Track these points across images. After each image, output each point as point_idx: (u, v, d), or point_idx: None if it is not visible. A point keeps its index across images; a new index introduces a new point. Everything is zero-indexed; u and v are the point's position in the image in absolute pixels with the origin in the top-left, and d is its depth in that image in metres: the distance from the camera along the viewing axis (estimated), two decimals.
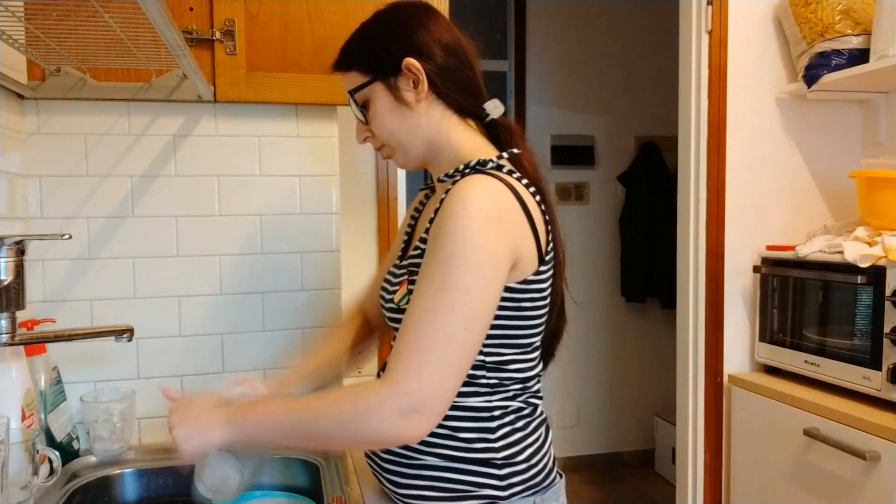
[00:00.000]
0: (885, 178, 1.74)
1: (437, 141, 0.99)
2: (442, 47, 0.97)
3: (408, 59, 0.95)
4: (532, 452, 0.97)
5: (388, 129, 0.99)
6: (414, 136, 0.99)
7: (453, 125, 0.99)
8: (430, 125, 0.98)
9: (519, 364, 0.96)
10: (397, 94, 0.97)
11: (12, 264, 1.07)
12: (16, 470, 1.03)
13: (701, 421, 2.06)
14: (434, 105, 0.98)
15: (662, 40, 3.51)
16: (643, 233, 3.55)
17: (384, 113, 0.98)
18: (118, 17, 0.98)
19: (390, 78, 0.96)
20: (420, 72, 0.95)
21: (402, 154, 1.01)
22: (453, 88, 0.98)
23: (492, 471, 0.94)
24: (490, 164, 0.94)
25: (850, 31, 1.82)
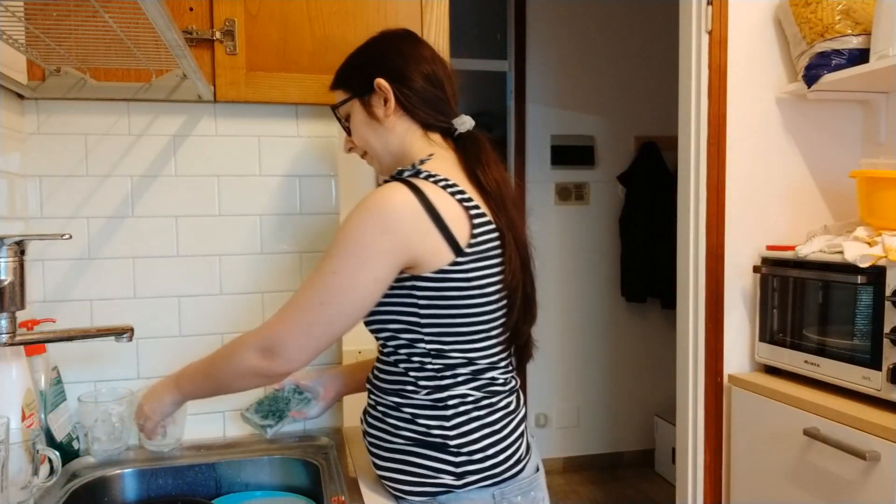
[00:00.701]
0: (885, 178, 1.74)
1: (402, 152, 1.11)
2: (414, 70, 1.10)
3: (378, 80, 1.08)
4: (491, 443, 1.02)
5: (363, 139, 1.13)
6: (383, 146, 1.12)
7: (416, 139, 1.11)
8: (395, 138, 1.11)
9: (465, 354, 1.03)
10: (369, 110, 1.11)
11: (12, 264, 1.07)
12: (16, 470, 1.03)
13: (701, 421, 2.06)
14: (401, 120, 1.11)
15: (662, 40, 3.51)
16: (643, 233, 3.55)
17: (359, 125, 1.13)
18: (118, 17, 0.98)
19: (365, 96, 1.11)
20: (388, 91, 1.08)
21: (378, 162, 1.15)
22: (421, 106, 1.10)
23: (448, 457, 1.01)
24: (406, 172, 1.04)
25: (850, 31, 1.82)
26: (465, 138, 1.13)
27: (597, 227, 3.64)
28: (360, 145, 1.16)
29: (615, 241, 3.67)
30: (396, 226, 0.97)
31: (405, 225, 0.97)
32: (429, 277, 0.99)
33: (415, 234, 0.98)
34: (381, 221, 0.97)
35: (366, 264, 0.97)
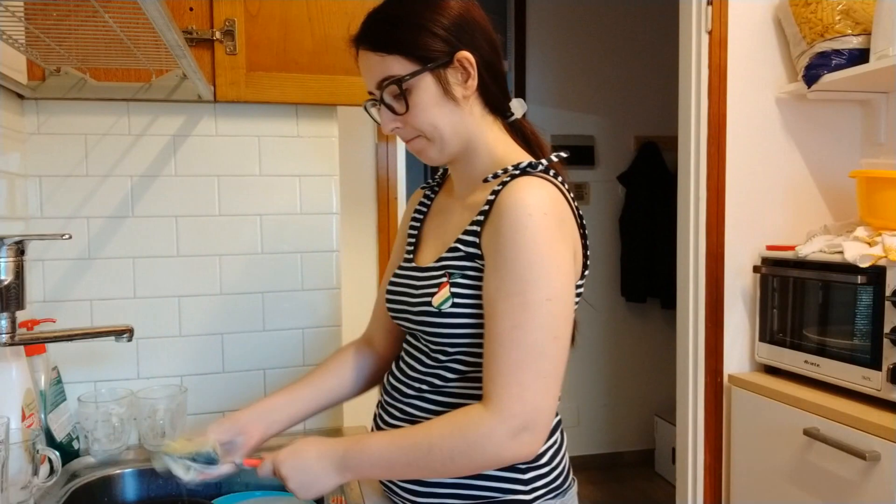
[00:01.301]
0: (885, 178, 1.74)
1: (475, 139, 0.96)
2: (486, 40, 0.94)
3: (462, 53, 0.91)
4: (553, 454, 0.96)
5: (431, 122, 0.92)
6: (455, 131, 0.94)
7: (489, 124, 0.97)
8: (471, 122, 0.95)
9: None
10: (446, 88, 0.91)
11: (12, 264, 1.07)
12: (16, 470, 1.03)
13: (701, 421, 2.06)
14: (476, 102, 0.95)
15: (662, 40, 3.51)
16: (643, 233, 3.55)
17: (429, 105, 0.92)
18: (118, 17, 0.98)
19: (440, 69, 0.91)
20: (473, 67, 0.91)
21: (439, 148, 0.95)
22: (494, 86, 0.95)
23: (516, 475, 0.92)
24: (539, 166, 0.92)
25: (850, 31, 1.82)
26: (523, 127, 1.01)
27: (597, 227, 3.64)
28: (420, 127, 0.93)
29: (615, 241, 3.67)
30: (567, 227, 0.87)
31: (572, 230, 0.88)
32: None
33: (576, 241, 0.89)
34: (555, 225, 0.85)
35: (570, 278, 0.86)
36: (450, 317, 0.91)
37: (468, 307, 0.90)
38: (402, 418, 0.99)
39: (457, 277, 0.91)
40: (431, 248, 1.02)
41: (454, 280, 0.91)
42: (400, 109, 0.92)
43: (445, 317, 0.91)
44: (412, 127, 0.94)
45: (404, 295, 0.99)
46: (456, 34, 0.91)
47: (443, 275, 0.93)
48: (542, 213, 0.84)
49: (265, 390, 1.48)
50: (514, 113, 1.00)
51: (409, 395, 0.98)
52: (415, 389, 0.98)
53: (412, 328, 0.98)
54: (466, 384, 0.94)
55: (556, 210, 0.86)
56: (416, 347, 1.00)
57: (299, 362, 1.50)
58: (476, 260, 0.91)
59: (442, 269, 0.94)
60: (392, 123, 0.95)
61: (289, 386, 1.13)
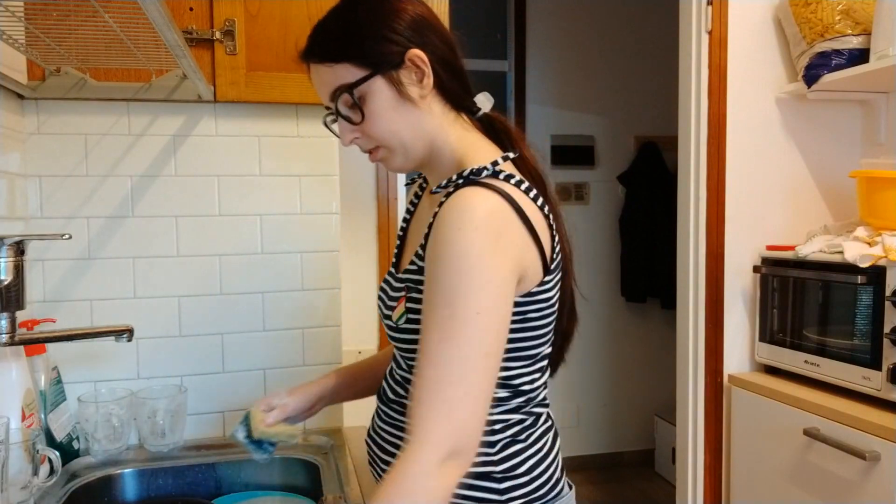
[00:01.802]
0: (885, 178, 1.74)
1: (437, 140, 0.92)
2: (438, 37, 0.90)
3: (414, 51, 0.86)
4: (534, 464, 0.93)
5: (388, 128, 0.89)
6: (416, 135, 0.90)
7: (450, 122, 0.92)
8: (432, 122, 0.90)
9: (524, 377, 0.92)
10: (400, 90, 0.87)
11: (12, 264, 1.07)
12: (16, 470, 1.03)
13: (701, 421, 2.06)
14: (435, 100, 0.91)
15: (662, 40, 3.51)
16: (643, 233, 3.55)
17: (385, 110, 0.88)
18: (118, 17, 0.98)
19: (392, 72, 0.87)
20: (426, 64, 0.87)
21: (403, 155, 0.92)
22: (452, 81, 0.91)
23: (491, 485, 0.89)
24: (485, 172, 0.86)
25: (850, 31, 1.82)
26: (493, 121, 0.97)
27: (597, 227, 3.64)
28: (378, 135, 0.90)
29: (615, 241, 3.67)
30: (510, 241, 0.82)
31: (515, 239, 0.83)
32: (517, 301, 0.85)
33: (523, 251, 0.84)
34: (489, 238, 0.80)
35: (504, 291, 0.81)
36: (405, 332, 0.90)
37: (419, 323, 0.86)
38: (386, 421, 0.99)
39: (413, 293, 0.89)
40: (407, 256, 1.00)
41: (410, 295, 0.89)
42: (356, 119, 0.89)
43: (402, 332, 0.90)
44: (371, 137, 0.90)
45: (382, 302, 0.99)
46: (404, 34, 0.88)
47: (403, 288, 0.91)
48: (472, 227, 0.79)
49: (265, 390, 1.48)
50: (480, 108, 0.96)
51: (391, 398, 0.98)
52: (396, 394, 0.97)
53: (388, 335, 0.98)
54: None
55: (491, 223, 0.80)
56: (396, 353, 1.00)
57: (299, 362, 1.50)
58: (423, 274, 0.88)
59: (403, 282, 0.92)
60: (350, 135, 0.91)
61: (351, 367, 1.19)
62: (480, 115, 0.97)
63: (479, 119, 0.97)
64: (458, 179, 0.87)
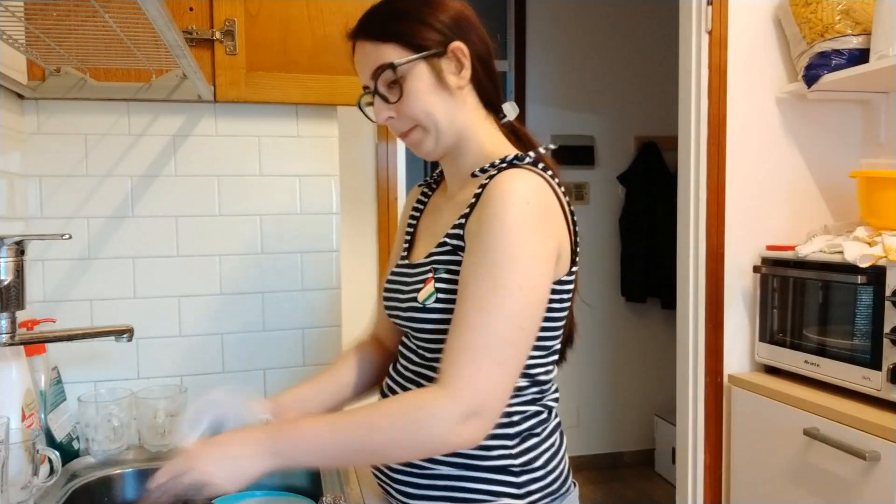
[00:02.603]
0: (885, 178, 1.74)
1: (467, 132, 0.95)
2: (480, 38, 0.96)
3: (456, 44, 0.92)
4: (549, 458, 0.94)
5: (426, 109, 0.92)
6: (450, 121, 0.93)
7: (482, 119, 0.97)
8: (465, 114, 0.95)
9: (540, 367, 0.93)
10: (441, 76, 0.92)
11: (12, 264, 1.07)
12: (16, 470, 1.03)
13: (701, 421, 2.06)
14: (470, 94, 0.95)
15: (662, 40, 3.51)
16: (643, 233, 3.55)
17: (424, 92, 0.92)
18: (118, 17, 0.98)
19: (434, 58, 0.92)
20: (466, 58, 0.92)
21: (434, 138, 0.94)
22: (486, 80, 0.96)
23: (509, 478, 0.90)
24: (527, 159, 0.92)
25: (850, 31, 1.82)
26: (516, 129, 1.01)
27: (597, 227, 3.64)
28: (414, 115, 0.93)
29: (615, 241, 3.67)
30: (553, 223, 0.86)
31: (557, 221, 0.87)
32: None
33: (562, 234, 0.88)
34: (537, 215, 0.84)
35: (547, 271, 0.84)
36: (433, 312, 0.90)
37: (452, 302, 0.88)
38: None
39: (441, 272, 0.91)
40: (423, 246, 1.01)
41: (439, 275, 0.91)
42: (394, 97, 0.92)
43: (429, 312, 0.91)
44: (407, 116, 0.93)
45: (397, 292, 0.99)
46: (450, 28, 0.93)
47: (429, 270, 0.93)
48: (523, 202, 0.83)
49: (265, 390, 1.48)
50: (506, 115, 1.00)
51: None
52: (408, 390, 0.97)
53: (403, 325, 0.98)
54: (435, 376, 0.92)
55: (540, 200, 0.85)
56: (408, 346, 1.00)
57: (299, 362, 1.50)
58: (459, 253, 0.89)
59: (429, 264, 0.93)
60: (385, 112, 0.94)
61: (315, 377, 1.13)
62: (505, 121, 1.01)
63: (504, 125, 1.01)
64: (501, 163, 0.91)
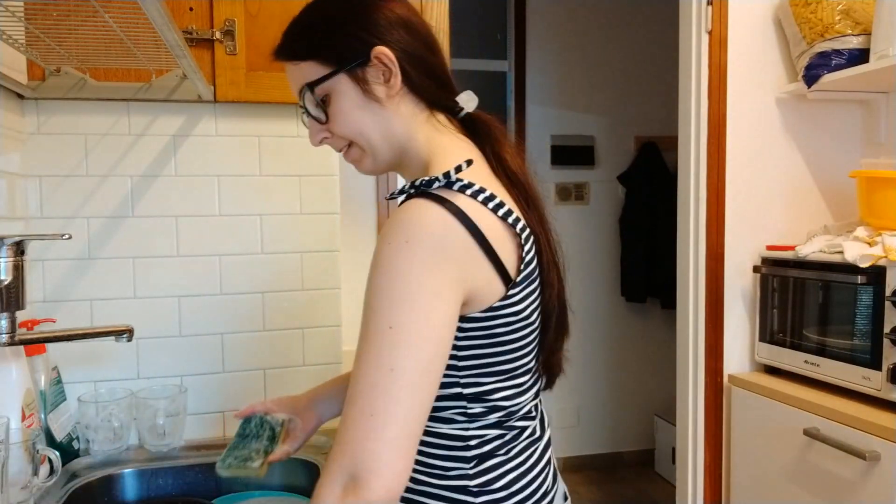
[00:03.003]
0: (885, 178, 1.74)
1: (407, 144, 0.89)
2: (412, 34, 0.87)
3: (379, 48, 0.84)
4: (514, 478, 0.88)
5: (354, 127, 0.87)
6: (383, 135, 0.88)
7: (420, 124, 0.89)
8: (399, 124, 0.88)
9: (503, 392, 0.87)
10: (366, 88, 0.85)
11: (12, 264, 1.08)
12: (16, 470, 1.03)
13: (701, 421, 2.06)
14: (405, 100, 0.88)
15: (662, 40, 3.51)
16: (643, 233, 3.55)
17: (351, 109, 0.86)
18: (118, 17, 0.98)
19: (357, 69, 0.85)
20: (393, 63, 0.84)
21: (371, 157, 0.90)
22: (425, 80, 0.88)
23: (467, 498, 0.85)
24: (437, 183, 0.80)
25: (850, 31, 1.82)
26: (475, 120, 0.93)
27: (597, 227, 3.64)
28: (346, 134, 0.88)
29: (615, 241, 3.67)
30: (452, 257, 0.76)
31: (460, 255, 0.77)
32: (474, 318, 0.81)
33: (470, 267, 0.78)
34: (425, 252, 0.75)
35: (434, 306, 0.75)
36: None
37: None
38: None
39: None
40: None
41: None
42: (321, 118, 0.88)
43: None
44: (339, 136, 0.89)
45: None
46: (372, 32, 0.85)
47: None
48: (402, 241, 0.75)
49: (265, 390, 1.48)
50: (464, 107, 0.93)
51: None
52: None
53: None
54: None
55: (428, 236, 0.75)
56: None
57: (299, 362, 1.50)
58: None
59: None
60: (319, 135, 0.90)
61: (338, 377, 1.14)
62: (463, 114, 0.93)
63: (461, 119, 0.93)
64: (411, 189, 0.82)
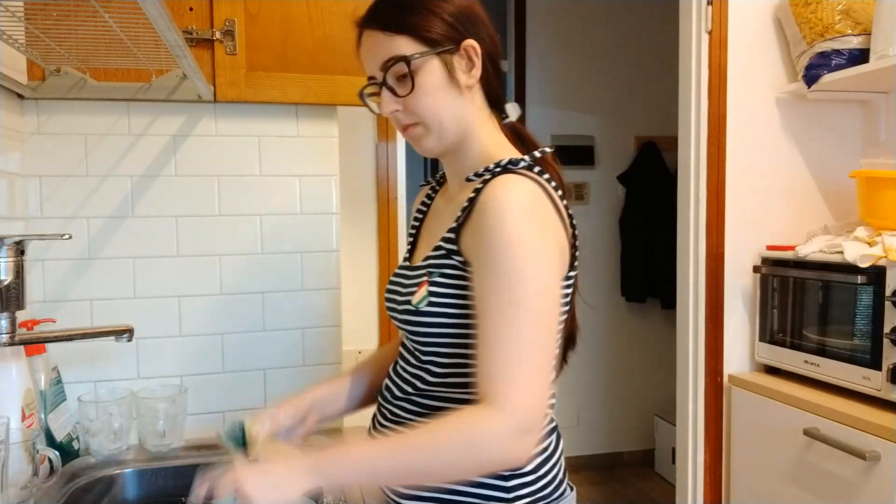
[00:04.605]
0: (885, 178, 1.74)
1: (470, 132, 0.95)
2: (489, 36, 0.95)
3: (469, 41, 0.91)
4: (540, 462, 0.93)
5: (432, 106, 0.91)
6: (455, 119, 0.93)
7: (486, 118, 0.96)
8: (470, 113, 0.94)
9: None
10: (452, 74, 0.91)
11: (12, 264, 1.08)
12: (16, 470, 1.03)
13: (701, 421, 2.06)
14: (477, 93, 0.95)
15: (662, 40, 3.51)
16: (643, 233, 3.55)
17: (433, 88, 0.90)
18: (118, 17, 0.98)
19: (447, 55, 0.91)
20: (478, 56, 0.92)
21: (437, 137, 0.94)
22: (495, 80, 0.96)
23: (498, 482, 0.90)
24: (522, 163, 0.91)
25: (850, 31, 1.82)
26: (518, 129, 1.01)
27: (597, 227, 3.64)
28: (419, 111, 0.92)
29: (615, 241, 3.67)
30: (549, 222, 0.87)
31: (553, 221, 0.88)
32: None
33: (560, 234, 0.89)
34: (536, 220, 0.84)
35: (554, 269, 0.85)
36: (426, 315, 0.90)
37: (445, 306, 0.89)
38: (392, 420, 0.98)
39: (435, 276, 0.90)
40: (423, 248, 1.01)
41: (433, 279, 0.90)
42: (404, 91, 0.91)
43: (422, 315, 0.90)
44: (412, 112, 0.92)
45: (395, 293, 0.99)
46: (463, 24, 0.92)
47: (424, 274, 0.92)
48: (521, 211, 0.83)
49: (265, 390, 1.48)
50: (509, 115, 1.00)
51: (398, 396, 0.98)
52: (403, 392, 0.97)
53: (400, 326, 0.98)
54: (445, 389, 0.92)
55: (536, 207, 0.85)
56: (406, 347, 0.99)
57: (299, 362, 1.50)
58: (453, 257, 0.89)
59: (425, 268, 0.93)
60: (392, 105, 0.92)
61: (339, 377, 1.14)
62: (508, 122, 1.00)
63: (506, 125, 1.00)
64: (496, 168, 0.90)
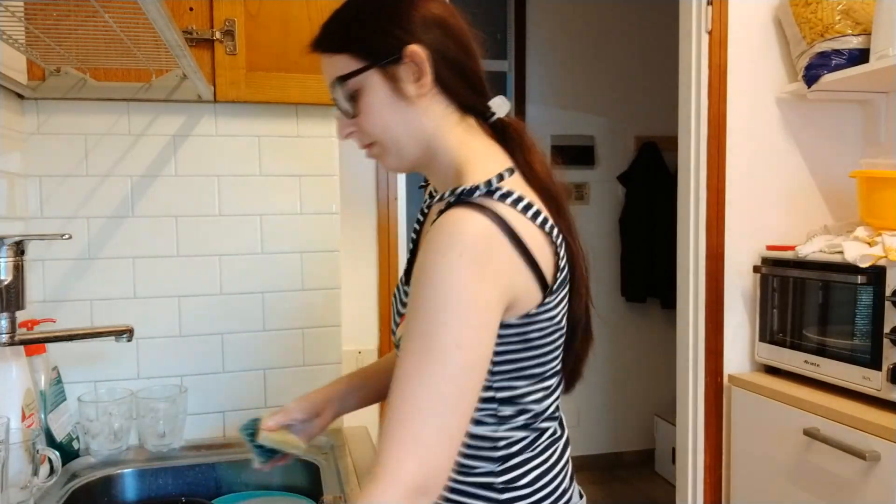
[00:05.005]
0: (885, 178, 1.74)
1: (434, 142, 0.88)
2: (450, 36, 0.87)
3: (412, 47, 0.83)
4: (538, 475, 0.90)
5: (381, 125, 0.87)
6: (411, 134, 0.87)
7: (451, 126, 0.88)
8: (428, 123, 0.87)
9: (534, 395, 0.88)
10: (396, 86, 0.85)
11: (12, 264, 1.08)
12: (16, 470, 1.03)
13: (701, 421, 2.06)
14: (436, 100, 0.87)
15: (662, 40, 3.51)
16: (643, 233, 3.55)
17: (379, 106, 0.86)
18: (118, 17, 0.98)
19: (389, 67, 0.85)
20: (424, 62, 0.84)
21: (396, 155, 0.89)
22: (457, 82, 0.87)
23: (491, 494, 0.87)
24: (478, 191, 0.81)
25: (850, 31, 1.82)
26: (506, 126, 0.92)
27: (597, 227, 3.64)
28: (371, 132, 0.88)
29: (615, 241, 3.67)
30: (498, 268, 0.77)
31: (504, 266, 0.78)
32: (512, 324, 0.82)
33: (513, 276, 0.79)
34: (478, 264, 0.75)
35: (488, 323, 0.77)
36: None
37: None
38: None
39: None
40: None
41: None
42: (350, 112, 0.87)
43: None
44: (365, 133, 0.88)
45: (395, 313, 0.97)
46: (406, 30, 0.84)
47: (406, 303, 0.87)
48: (456, 254, 0.75)
49: (265, 390, 1.48)
50: (495, 112, 0.92)
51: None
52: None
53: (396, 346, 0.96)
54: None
55: (481, 247, 0.76)
56: None
57: (299, 362, 1.50)
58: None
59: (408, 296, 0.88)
60: (346, 129, 0.89)
61: (360, 371, 1.14)
62: (494, 119, 0.92)
63: (492, 124, 0.92)
64: (451, 197, 0.83)
